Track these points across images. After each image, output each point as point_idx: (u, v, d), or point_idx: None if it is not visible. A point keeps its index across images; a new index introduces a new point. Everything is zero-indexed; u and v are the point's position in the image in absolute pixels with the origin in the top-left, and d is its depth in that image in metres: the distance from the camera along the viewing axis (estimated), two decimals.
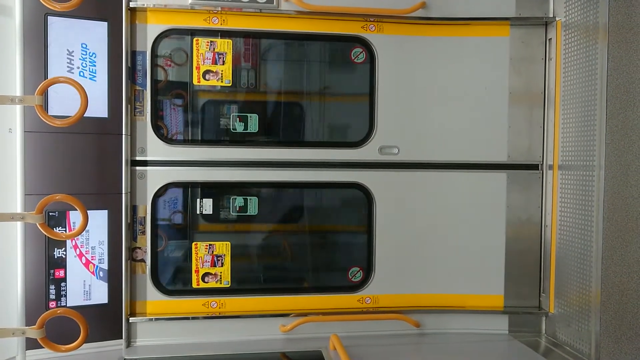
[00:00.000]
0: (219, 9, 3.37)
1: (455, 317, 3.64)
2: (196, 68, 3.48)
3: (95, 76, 3.17)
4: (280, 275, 3.88)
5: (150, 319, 3.39)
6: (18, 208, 3.05)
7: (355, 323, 3.56)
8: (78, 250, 3.19)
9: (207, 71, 3.49)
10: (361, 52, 3.63)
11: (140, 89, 3.39)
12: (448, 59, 3.61)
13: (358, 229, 3.78)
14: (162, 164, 3.43)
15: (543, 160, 3.63)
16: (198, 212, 3.58)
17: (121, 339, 3.29)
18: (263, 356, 3.32)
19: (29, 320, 3.03)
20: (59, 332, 2.87)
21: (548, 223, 3.59)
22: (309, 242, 3.95)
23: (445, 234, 3.66)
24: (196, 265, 3.53)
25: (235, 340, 3.44)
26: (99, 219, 3.22)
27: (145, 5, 3.30)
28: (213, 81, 3.52)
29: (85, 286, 3.21)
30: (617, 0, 2.97)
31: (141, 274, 3.42)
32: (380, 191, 3.63)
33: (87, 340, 2.86)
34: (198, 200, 3.57)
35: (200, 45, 3.47)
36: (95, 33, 3.15)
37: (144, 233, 3.42)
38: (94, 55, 3.16)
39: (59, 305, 3.14)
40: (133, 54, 3.35)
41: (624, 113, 2.99)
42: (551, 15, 3.53)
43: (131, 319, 3.35)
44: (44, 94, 2.89)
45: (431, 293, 3.67)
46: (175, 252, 3.59)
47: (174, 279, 3.58)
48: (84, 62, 3.14)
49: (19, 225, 3.05)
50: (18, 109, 3.03)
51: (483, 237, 3.65)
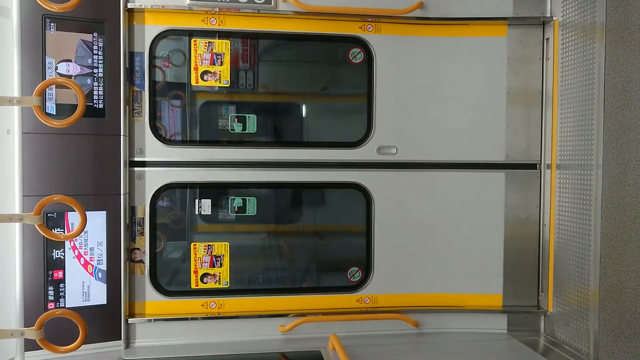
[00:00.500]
0: (217, 9, 3.37)
1: (454, 317, 3.64)
2: (194, 69, 3.48)
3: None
4: (279, 276, 3.87)
5: (149, 320, 3.39)
6: (16, 209, 3.05)
7: (354, 323, 3.56)
8: (77, 251, 3.18)
9: (205, 72, 3.49)
10: (359, 53, 3.63)
11: (138, 89, 3.38)
12: (446, 59, 3.62)
13: (357, 229, 3.78)
14: (161, 164, 3.43)
15: (541, 160, 3.63)
16: (197, 213, 3.58)
17: (120, 339, 3.29)
18: (262, 356, 3.32)
19: (28, 321, 3.03)
20: (58, 333, 2.86)
21: (546, 222, 3.59)
22: (307, 242, 3.95)
23: (443, 233, 3.66)
24: (195, 265, 3.52)
25: (234, 340, 3.44)
26: (98, 220, 3.22)
27: (143, 6, 3.30)
28: (211, 82, 3.52)
29: (84, 287, 3.21)
30: (614, 0, 2.98)
31: (140, 275, 3.42)
32: (379, 191, 3.63)
33: (86, 341, 2.86)
34: (197, 200, 3.57)
35: (198, 46, 3.47)
36: None
37: (142, 234, 3.42)
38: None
39: (57, 306, 3.14)
40: (131, 55, 3.35)
41: (622, 112, 3.00)
42: (548, 15, 3.54)
43: (130, 320, 3.35)
44: (42, 94, 2.89)
45: (430, 293, 3.67)
46: (174, 253, 3.59)
47: (173, 279, 3.58)
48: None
49: (17, 226, 3.05)
50: (16, 110, 3.03)
51: (481, 237, 3.65)
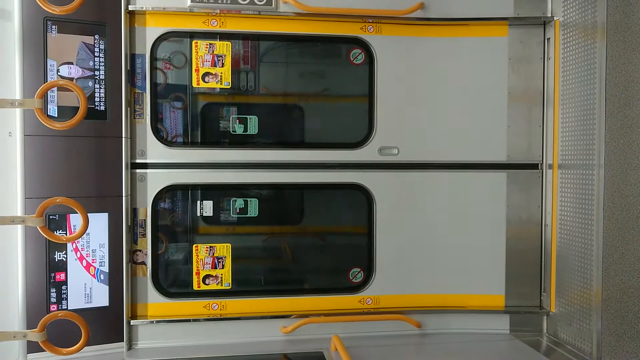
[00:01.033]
0: (218, 11, 3.38)
1: (457, 317, 3.64)
2: (195, 70, 3.49)
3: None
4: (281, 277, 3.87)
5: (152, 322, 3.39)
6: (18, 211, 3.06)
7: (356, 324, 3.56)
8: (79, 253, 3.19)
9: (207, 73, 3.50)
10: (360, 53, 3.63)
11: (139, 91, 3.39)
12: (447, 60, 3.62)
13: (358, 229, 3.78)
14: (162, 166, 3.43)
15: (543, 160, 3.63)
16: (198, 214, 3.58)
17: (122, 341, 3.29)
18: (264, 358, 3.31)
19: (30, 323, 3.03)
20: (60, 335, 2.86)
21: (548, 222, 3.59)
22: (309, 243, 3.95)
23: (445, 234, 3.66)
24: (197, 267, 3.52)
25: (236, 342, 3.44)
26: (100, 221, 3.22)
27: (144, 8, 3.30)
28: (212, 83, 3.52)
29: (86, 289, 3.21)
30: (615, 0, 2.98)
31: (142, 277, 3.42)
32: (381, 192, 3.63)
33: (89, 343, 2.87)
34: (198, 202, 3.58)
35: (199, 47, 3.47)
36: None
37: (144, 236, 3.42)
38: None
39: (60, 308, 3.14)
40: (132, 57, 3.36)
41: (623, 112, 2.99)
42: (549, 15, 3.54)
43: (132, 322, 3.35)
44: (44, 97, 2.90)
45: (432, 293, 3.67)
46: (176, 255, 3.59)
47: (175, 281, 3.59)
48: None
49: (19, 228, 3.05)
50: (18, 112, 3.04)
51: (483, 237, 3.65)
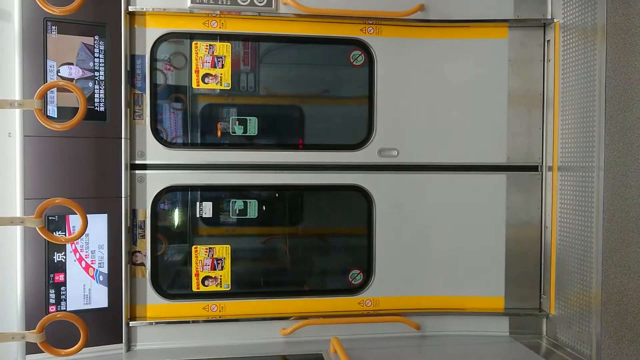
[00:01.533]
0: (218, 12, 3.38)
1: (456, 319, 3.63)
2: (195, 71, 3.48)
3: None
4: (281, 278, 3.87)
5: (151, 323, 3.39)
6: (17, 212, 3.05)
7: (355, 326, 3.55)
8: (78, 254, 3.18)
9: (206, 74, 3.50)
10: (360, 55, 3.63)
11: (139, 92, 3.39)
12: (447, 61, 3.62)
13: (358, 231, 3.78)
14: (162, 167, 3.43)
15: (542, 162, 3.63)
16: (198, 216, 3.58)
17: (121, 343, 3.28)
18: (263, 359, 3.31)
19: (29, 324, 3.03)
20: (59, 337, 2.85)
21: (548, 224, 3.58)
22: (309, 245, 3.94)
23: (445, 236, 3.66)
24: (196, 268, 3.52)
25: (235, 343, 3.44)
26: (99, 222, 3.22)
27: (144, 9, 3.30)
28: (212, 84, 3.52)
29: (85, 290, 3.21)
30: (615, 2, 2.98)
31: (141, 278, 3.42)
32: (380, 193, 3.63)
33: (87, 344, 2.85)
34: (198, 203, 3.57)
35: (199, 48, 3.47)
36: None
37: (143, 237, 3.42)
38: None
39: (58, 309, 3.14)
40: (132, 58, 3.36)
41: (623, 114, 2.99)
42: (549, 17, 3.54)
43: (131, 323, 3.34)
44: (43, 97, 2.90)
45: (431, 295, 3.67)
46: (175, 256, 3.59)
47: (174, 282, 3.58)
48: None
49: (18, 229, 3.04)
50: (17, 113, 3.03)
51: (483, 239, 3.65)
